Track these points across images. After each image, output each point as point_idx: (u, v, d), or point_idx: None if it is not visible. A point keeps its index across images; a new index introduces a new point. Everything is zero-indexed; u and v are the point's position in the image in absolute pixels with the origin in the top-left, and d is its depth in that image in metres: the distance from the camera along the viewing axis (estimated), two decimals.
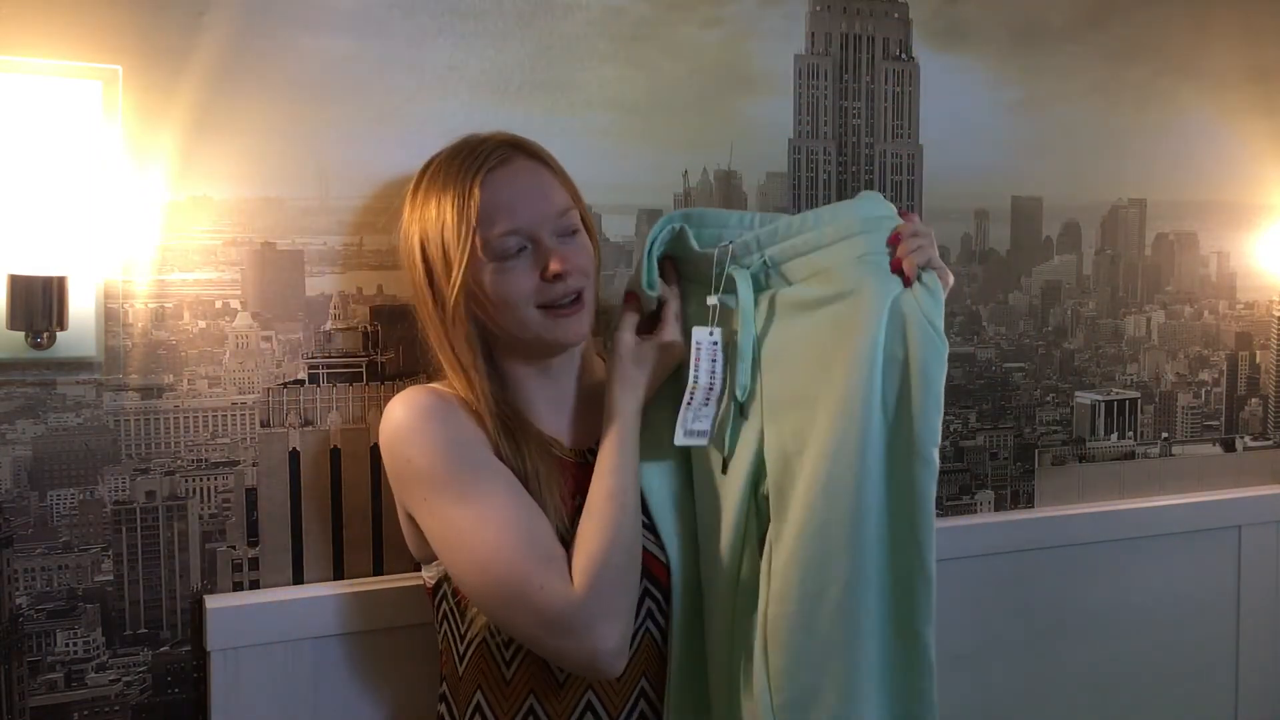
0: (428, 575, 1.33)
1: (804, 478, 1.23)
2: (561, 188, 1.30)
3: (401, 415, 1.24)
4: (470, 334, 1.27)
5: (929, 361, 1.21)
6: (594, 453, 1.30)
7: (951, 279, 1.29)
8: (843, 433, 1.21)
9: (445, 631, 1.31)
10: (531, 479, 1.24)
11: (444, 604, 1.31)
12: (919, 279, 1.23)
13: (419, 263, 1.27)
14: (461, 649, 1.28)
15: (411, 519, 1.28)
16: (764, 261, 1.29)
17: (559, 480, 1.26)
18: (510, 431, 1.26)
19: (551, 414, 1.34)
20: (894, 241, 1.24)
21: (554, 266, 1.24)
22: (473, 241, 1.22)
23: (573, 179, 1.34)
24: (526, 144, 1.31)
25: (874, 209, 1.28)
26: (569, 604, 1.17)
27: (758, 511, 1.28)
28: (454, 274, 1.23)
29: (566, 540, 1.23)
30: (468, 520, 1.19)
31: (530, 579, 1.17)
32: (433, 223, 1.25)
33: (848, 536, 1.21)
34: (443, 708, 1.32)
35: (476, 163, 1.25)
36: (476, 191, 1.23)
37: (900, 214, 1.28)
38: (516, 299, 1.25)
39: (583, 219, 1.32)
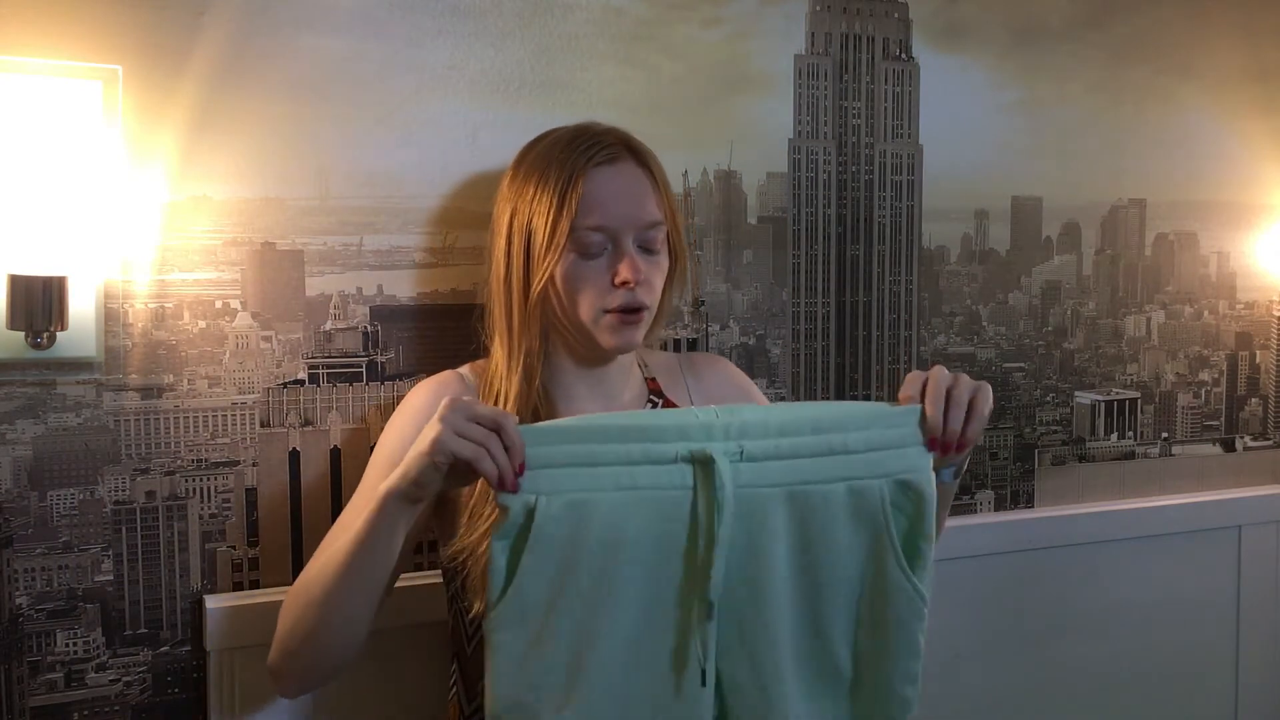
0: (445, 555, 1.29)
1: None
2: (658, 201, 1.30)
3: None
4: (540, 323, 1.28)
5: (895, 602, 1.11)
6: None
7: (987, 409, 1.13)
8: None
9: (456, 611, 1.31)
10: None
11: (453, 584, 1.30)
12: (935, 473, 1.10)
13: (504, 237, 1.29)
14: (469, 630, 1.29)
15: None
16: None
17: None
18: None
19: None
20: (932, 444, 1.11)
21: (623, 274, 1.25)
22: (567, 230, 1.23)
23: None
24: (638, 147, 1.31)
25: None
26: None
27: None
28: (545, 260, 1.24)
29: None
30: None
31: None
32: (529, 203, 1.26)
33: None
34: (455, 686, 1.32)
35: (587, 154, 1.26)
36: (580, 182, 1.24)
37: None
38: (586, 296, 1.25)
39: (672, 238, 1.32)
